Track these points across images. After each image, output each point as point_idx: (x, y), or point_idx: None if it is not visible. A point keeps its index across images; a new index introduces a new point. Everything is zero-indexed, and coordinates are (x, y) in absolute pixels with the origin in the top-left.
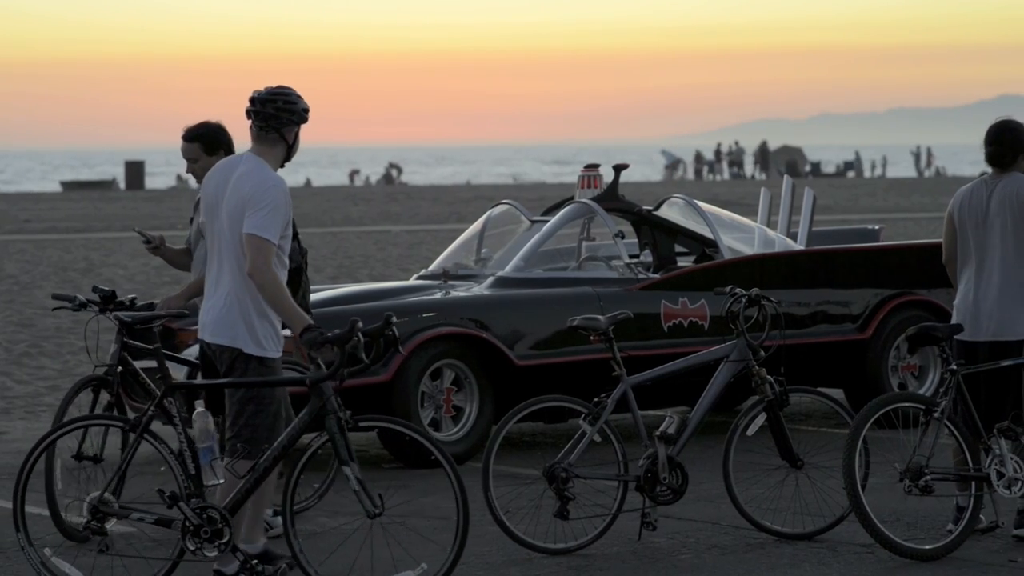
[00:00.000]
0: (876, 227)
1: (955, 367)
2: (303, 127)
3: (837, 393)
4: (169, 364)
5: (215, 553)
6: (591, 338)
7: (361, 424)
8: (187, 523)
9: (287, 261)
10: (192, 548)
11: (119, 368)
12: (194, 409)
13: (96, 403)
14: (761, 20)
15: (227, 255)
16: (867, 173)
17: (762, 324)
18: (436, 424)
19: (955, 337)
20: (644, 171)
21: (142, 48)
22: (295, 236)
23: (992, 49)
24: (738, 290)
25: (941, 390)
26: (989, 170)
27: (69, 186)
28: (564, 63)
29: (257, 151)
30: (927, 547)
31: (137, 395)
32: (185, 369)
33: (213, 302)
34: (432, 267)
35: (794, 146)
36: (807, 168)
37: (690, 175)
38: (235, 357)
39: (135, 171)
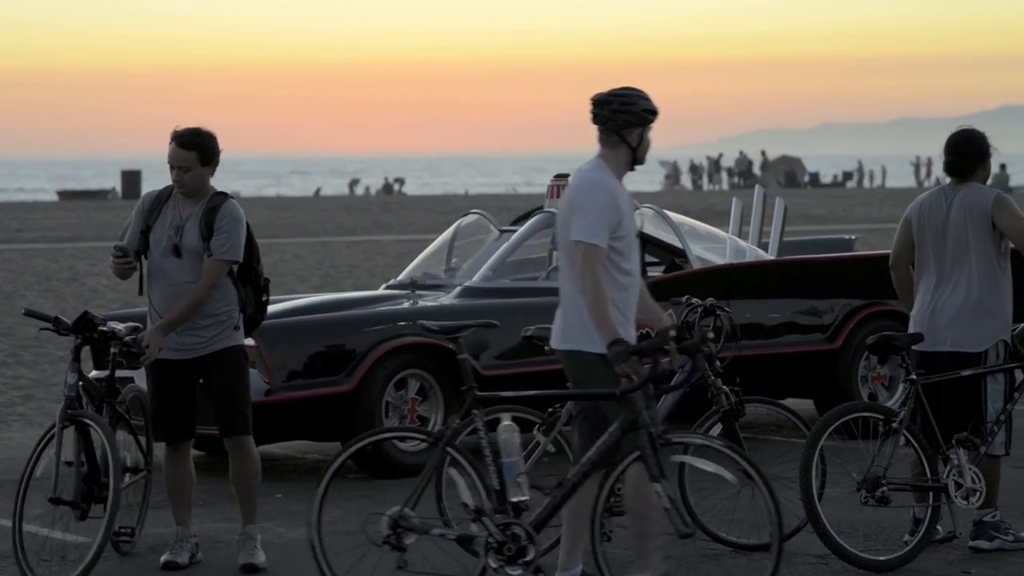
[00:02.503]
0: (851, 237)
1: (915, 377)
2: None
3: (807, 403)
4: (133, 372)
5: (518, 572)
6: (545, 348)
7: (674, 441)
8: (490, 540)
9: (627, 265)
10: (495, 566)
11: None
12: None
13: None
14: (763, 30)
15: (564, 261)
16: (866, 183)
17: (720, 334)
18: None
19: (913, 347)
20: (645, 181)
21: (145, 58)
22: (258, 261)
23: (994, 60)
24: (694, 300)
25: (900, 400)
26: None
27: (65, 195)
28: (566, 73)
29: (601, 154)
30: (881, 558)
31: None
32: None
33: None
34: (401, 277)
35: (793, 156)
36: (806, 178)
37: (688, 186)
38: (580, 362)
39: (131, 180)
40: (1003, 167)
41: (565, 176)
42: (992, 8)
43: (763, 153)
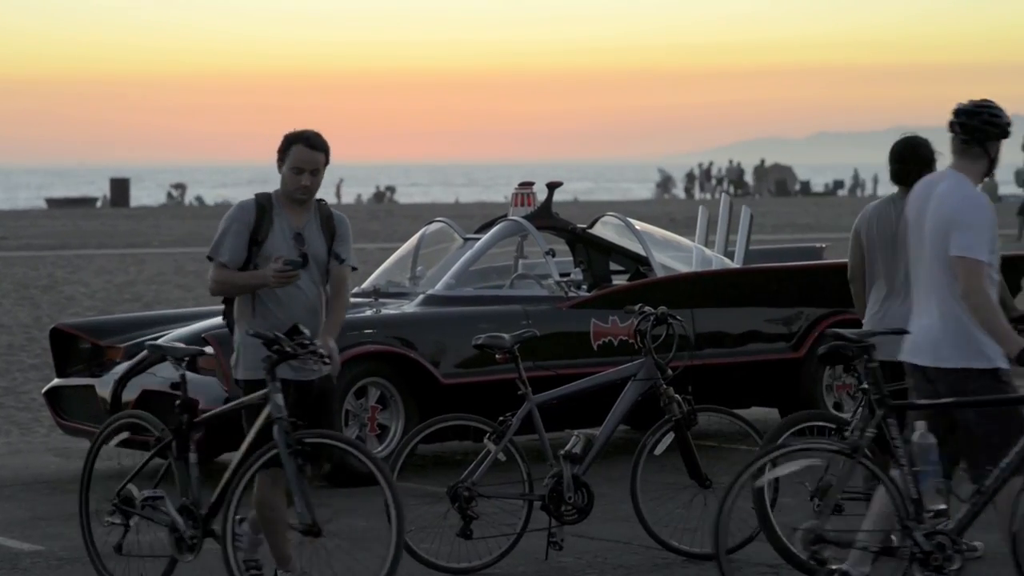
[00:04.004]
0: (821, 245)
1: (866, 386)
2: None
3: (772, 412)
4: (94, 380)
5: None
6: (496, 357)
7: None
8: (915, 550)
9: (995, 277)
10: None
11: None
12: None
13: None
14: (759, 39)
15: (931, 275)
16: (859, 192)
17: (671, 343)
18: (361, 443)
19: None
20: (643, 188)
21: (135, 66)
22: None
23: (991, 69)
24: (646, 308)
25: (854, 409)
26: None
27: (54, 203)
28: (560, 82)
29: (958, 166)
30: (833, 567)
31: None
32: (110, 385)
33: (926, 323)
34: (364, 285)
35: (784, 165)
36: (797, 187)
37: (680, 194)
38: (964, 376)
39: (120, 188)
40: (991, 176)
41: (530, 184)
42: (990, 17)
43: (762, 161)
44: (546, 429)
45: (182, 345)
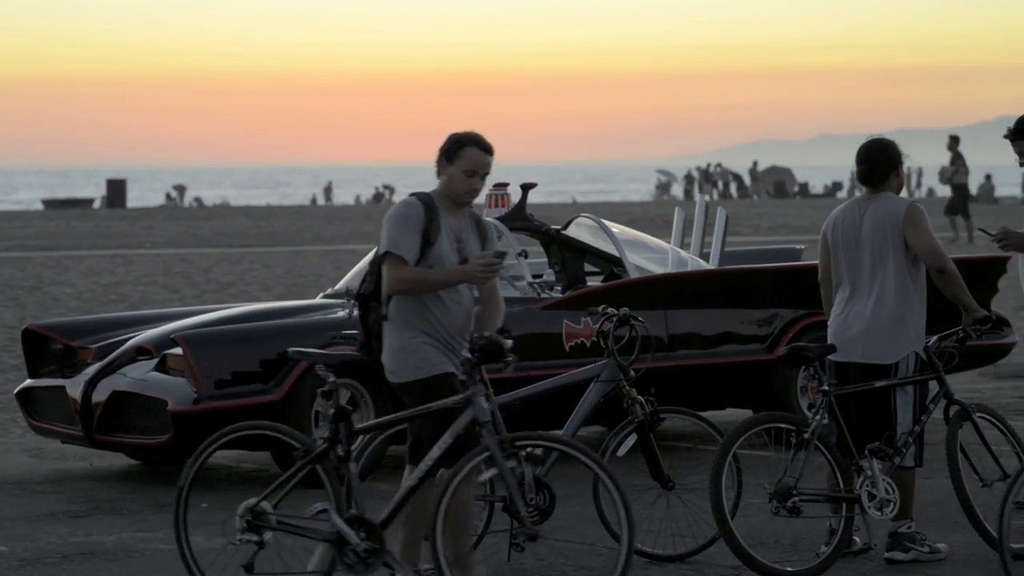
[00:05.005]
0: (799, 247)
1: (827, 388)
2: None
3: (746, 414)
4: (65, 381)
5: None
6: None
7: None
8: None
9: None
10: None
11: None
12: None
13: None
14: (761, 40)
15: None
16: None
17: (634, 344)
18: None
19: (828, 358)
20: (641, 191)
21: (137, 66)
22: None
23: (993, 71)
24: (609, 310)
25: (813, 410)
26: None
27: (50, 204)
28: (562, 83)
29: None
30: (789, 569)
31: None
32: (81, 386)
33: None
34: (338, 286)
35: (782, 167)
36: (795, 188)
37: (679, 195)
38: None
39: (116, 189)
40: (988, 177)
41: (504, 185)
42: (991, 19)
43: (755, 163)
44: (510, 431)
45: (328, 352)
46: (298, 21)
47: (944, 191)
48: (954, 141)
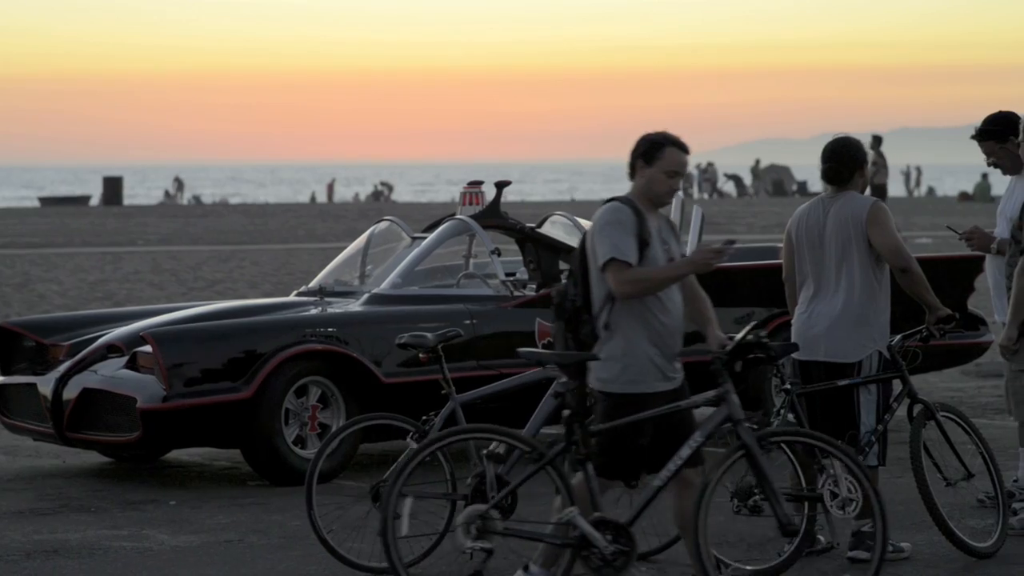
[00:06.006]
0: (780, 245)
1: (789, 386)
2: None
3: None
4: (37, 379)
5: None
6: (420, 356)
7: None
8: None
9: None
10: None
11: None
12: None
13: None
14: (764, 39)
15: None
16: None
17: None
18: (302, 441)
19: (793, 356)
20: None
21: (138, 64)
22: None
23: (996, 70)
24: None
25: (775, 410)
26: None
27: (47, 202)
28: (565, 81)
29: None
30: (748, 568)
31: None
32: (52, 382)
33: None
34: (311, 284)
35: (781, 165)
36: (794, 187)
37: (679, 194)
38: None
39: (113, 187)
40: (984, 176)
41: (479, 183)
42: (997, 18)
43: (757, 161)
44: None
45: (562, 352)
46: (291, 18)
47: (944, 190)
48: (876, 141)
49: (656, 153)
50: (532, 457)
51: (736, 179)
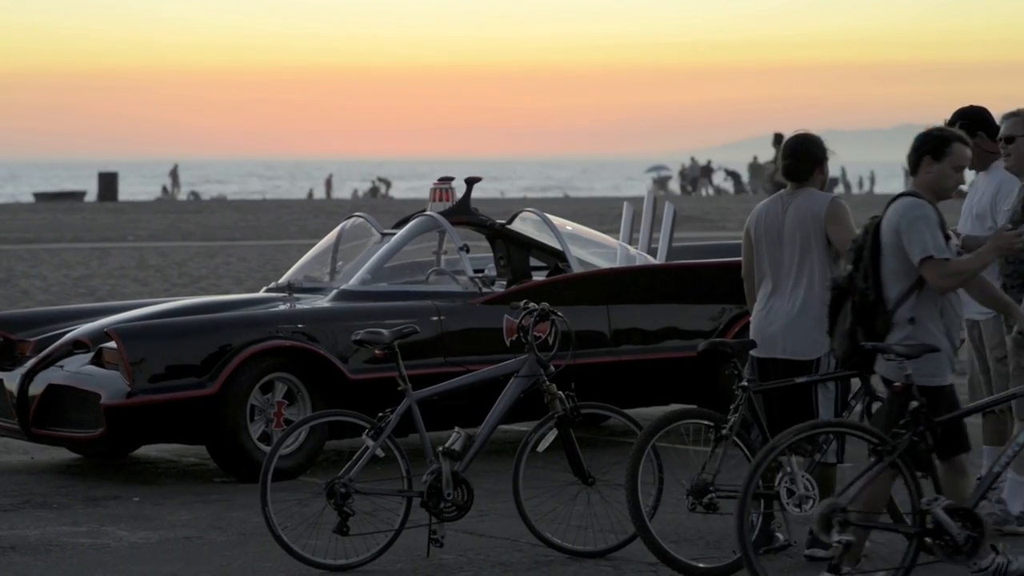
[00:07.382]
0: None
1: (746, 383)
2: None
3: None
4: (3, 374)
5: None
6: (375, 352)
7: None
8: None
9: None
10: None
11: None
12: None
13: None
14: (763, 36)
15: None
16: (855, 189)
17: (557, 341)
18: (267, 438)
19: (750, 353)
20: (639, 186)
21: (125, 60)
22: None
23: (998, 66)
24: (530, 304)
25: (731, 406)
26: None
27: (41, 197)
28: (565, 78)
29: None
30: (701, 566)
31: None
32: (18, 378)
33: None
34: (281, 280)
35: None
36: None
37: (676, 191)
38: None
39: (108, 182)
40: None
41: (449, 179)
42: (998, 15)
43: (755, 158)
44: (434, 427)
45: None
46: (287, 13)
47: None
48: (778, 139)
49: (945, 149)
50: (884, 451)
51: (735, 176)
